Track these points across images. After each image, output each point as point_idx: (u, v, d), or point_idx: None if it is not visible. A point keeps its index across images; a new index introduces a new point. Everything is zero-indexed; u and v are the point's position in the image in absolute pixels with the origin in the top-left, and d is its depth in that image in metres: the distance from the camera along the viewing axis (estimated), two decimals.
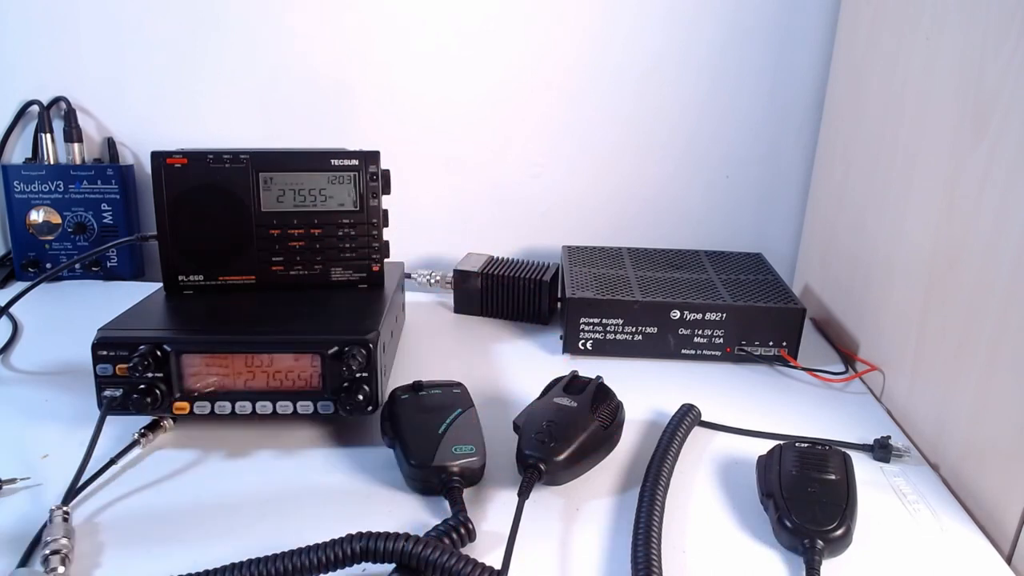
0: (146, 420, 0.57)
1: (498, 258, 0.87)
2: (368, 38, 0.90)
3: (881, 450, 0.57)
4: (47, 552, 0.43)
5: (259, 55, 0.90)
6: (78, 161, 0.91)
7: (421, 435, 0.53)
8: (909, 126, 0.65)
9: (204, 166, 0.63)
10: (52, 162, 0.90)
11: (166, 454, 0.55)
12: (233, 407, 0.55)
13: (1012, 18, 0.50)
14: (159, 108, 0.92)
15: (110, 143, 0.93)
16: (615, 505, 0.51)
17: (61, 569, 0.42)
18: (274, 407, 0.55)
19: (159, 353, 0.54)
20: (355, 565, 0.42)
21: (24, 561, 0.44)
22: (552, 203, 0.96)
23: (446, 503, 0.49)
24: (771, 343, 0.72)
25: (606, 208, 0.95)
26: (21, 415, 0.60)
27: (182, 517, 0.49)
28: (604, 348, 0.74)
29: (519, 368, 0.71)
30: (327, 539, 0.42)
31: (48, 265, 0.91)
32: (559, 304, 0.83)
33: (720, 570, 0.45)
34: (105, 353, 0.54)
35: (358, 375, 0.55)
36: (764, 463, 0.52)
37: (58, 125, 0.91)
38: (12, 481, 0.51)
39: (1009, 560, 0.48)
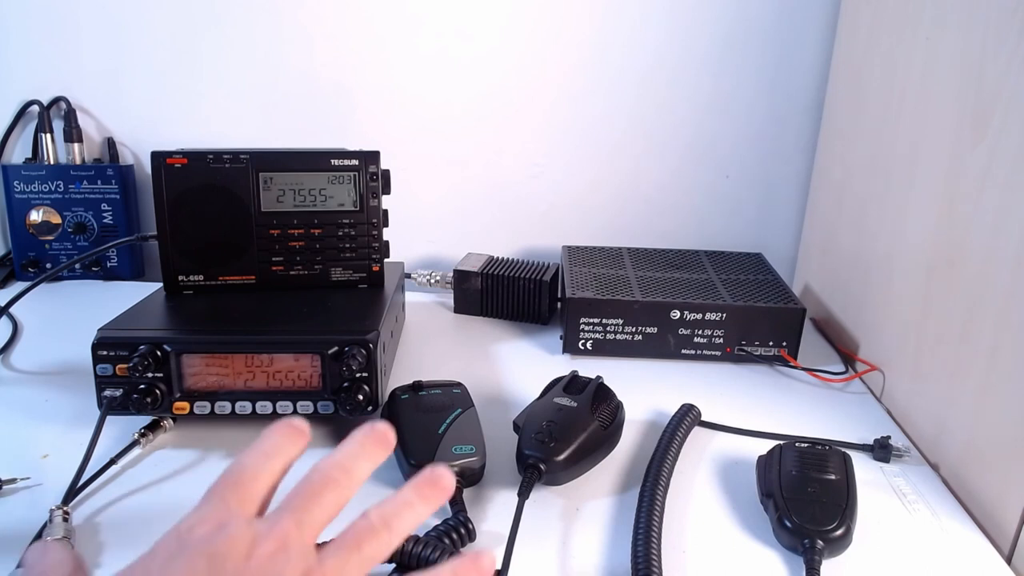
0: (146, 420, 0.57)
1: (498, 258, 0.87)
2: (368, 38, 0.90)
3: (881, 450, 0.57)
4: None
5: (259, 55, 0.90)
6: (78, 161, 0.91)
7: (421, 435, 0.53)
8: (909, 126, 0.65)
9: (204, 166, 0.63)
10: (52, 162, 0.90)
11: (166, 454, 0.55)
12: (233, 407, 0.55)
13: (1012, 18, 0.50)
14: (159, 108, 0.92)
15: (110, 143, 0.93)
16: (615, 505, 0.51)
17: None
18: (274, 407, 0.55)
19: (159, 353, 0.54)
20: None
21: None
22: (552, 203, 0.96)
23: (446, 503, 0.49)
24: (771, 343, 0.72)
25: (606, 208, 0.95)
26: (21, 415, 0.60)
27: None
28: (604, 348, 0.74)
29: (519, 368, 0.71)
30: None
31: (48, 265, 0.91)
32: (559, 304, 0.83)
33: (720, 570, 0.45)
34: (105, 353, 0.54)
35: (358, 375, 0.55)
36: (764, 463, 0.52)
37: (58, 125, 0.91)
38: (12, 481, 0.51)
39: (1009, 560, 0.48)
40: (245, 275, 0.65)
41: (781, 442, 0.54)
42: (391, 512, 0.33)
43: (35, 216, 0.90)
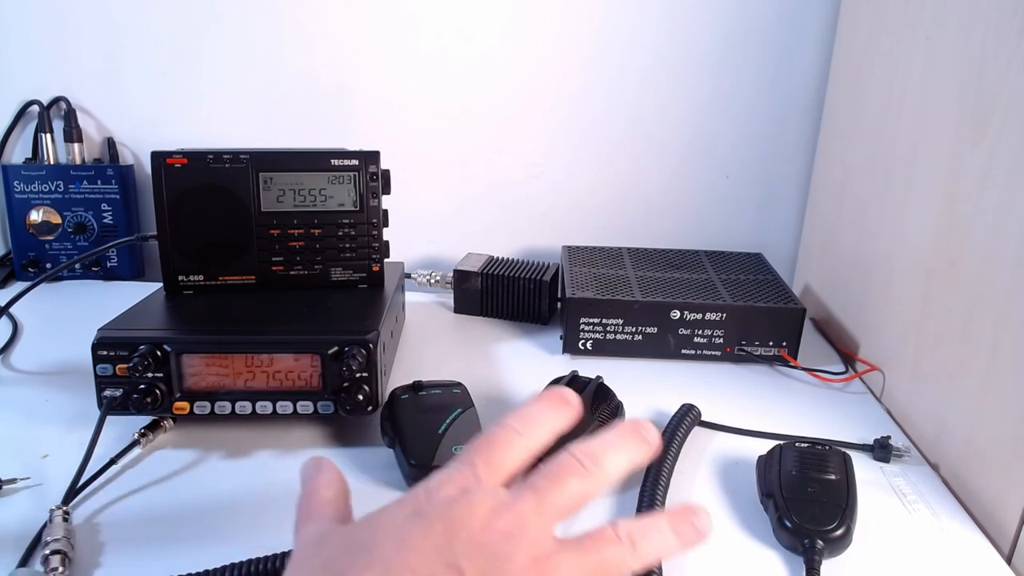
0: (146, 420, 0.57)
1: (498, 258, 0.87)
2: (368, 38, 0.90)
3: (881, 450, 0.57)
4: (47, 552, 0.43)
5: (259, 55, 0.90)
6: (78, 161, 0.91)
7: (421, 435, 0.53)
8: (909, 126, 0.65)
9: (204, 166, 0.63)
10: (52, 162, 0.90)
11: (166, 454, 0.55)
12: (233, 407, 0.55)
13: (1012, 18, 0.50)
14: (159, 108, 0.92)
15: (110, 143, 0.93)
16: (615, 505, 0.51)
17: (61, 569, 0.42)
18: (274, 407, 0.55)
19: (159, 353, 0.54)
20: None
21: (24, 561, 0.44)
22: (552, 203, 0.95)
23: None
24: (771, 343, 0.72)
25: (606, 208, 0.95)
26: (21, 415, 0.60)
27: (182, 517, 0.49)
28: (604, 348, 0.74)
29: (519, 368, 0.71)
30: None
31: (48, 265, 0.91)
32: (559, 304, 0.83)
33: (720, 570, 0.45)
34: (105, 353, 0.54)
35: (358, 375, 0.55)
36: (764, 463, 0.52)
37: (58, 125, 0.91)
38: (12, 481, 0.51)
39: (1009, 560, 0.48)
40: (245, 275, 0.65)
41: (781, 442, 0.54)
42: (639, 531, 0.31)
43: (35, 216, 0.90)
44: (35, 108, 0.90)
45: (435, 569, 0.28)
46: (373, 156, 0.66)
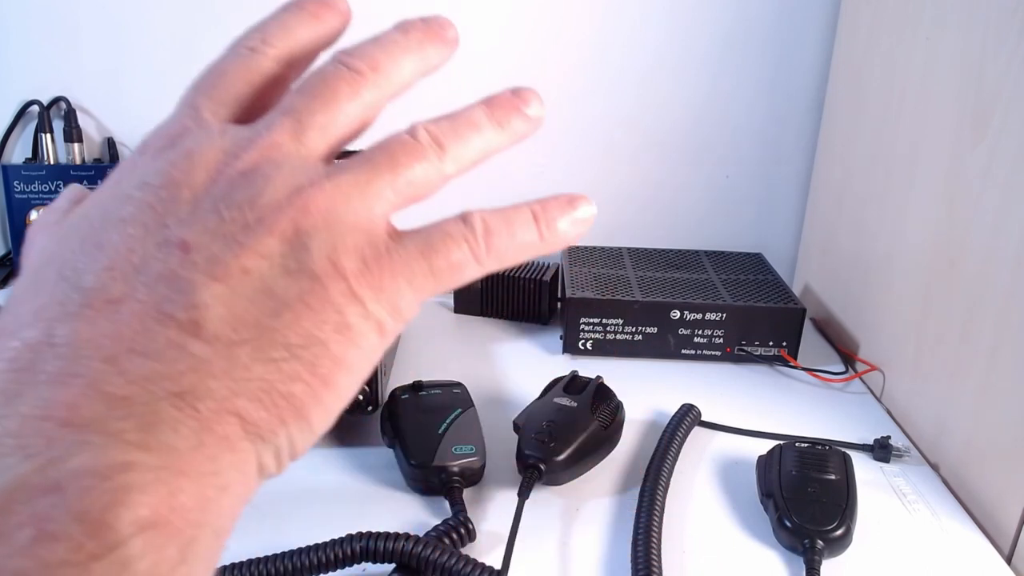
0: None
1: None
2: (367, 38, 0.90)
3: (881, 450, 0.57)
4: None
5: None
6: (78, 161, 0.91)
7: (421, 435, 0.53)
8: (909, 126, 0.65)
9: None
10: (52, 162, 0.90)
11: None
12: None
13: (1012, 18, 0.50)
14: (159, 108, 0.91)
15: (110, 143, 0.93)
16: (615, 505, 0.51)
17: None
18: None
19: None
20: (355, 565, 0.42)
21: None
22: None
23: (446, 503, 0.49)
24: (771, 343, 0.72)
25: (606, 208, 0.95)
26: None
27: None
28: (604, 348, 0.73)
29: (519, 368, 0.71)
30: (327, 539, 0.42)
31: None
32: (559, 304, 0.83)
33: (720, 570, 0.45)
34: None
35: None
36: (764, 463, 0.52)
37: (58, 125, 0.91)
38: None
39: (1009, 560, 0.48)
40: None
41: (781, 442, 0.54)
42: (445, 131, 0.22)
43: (35, 216, 0.90)
44: (35, 108, 0.90)
45: (148, 262, 0.19)
46: None
